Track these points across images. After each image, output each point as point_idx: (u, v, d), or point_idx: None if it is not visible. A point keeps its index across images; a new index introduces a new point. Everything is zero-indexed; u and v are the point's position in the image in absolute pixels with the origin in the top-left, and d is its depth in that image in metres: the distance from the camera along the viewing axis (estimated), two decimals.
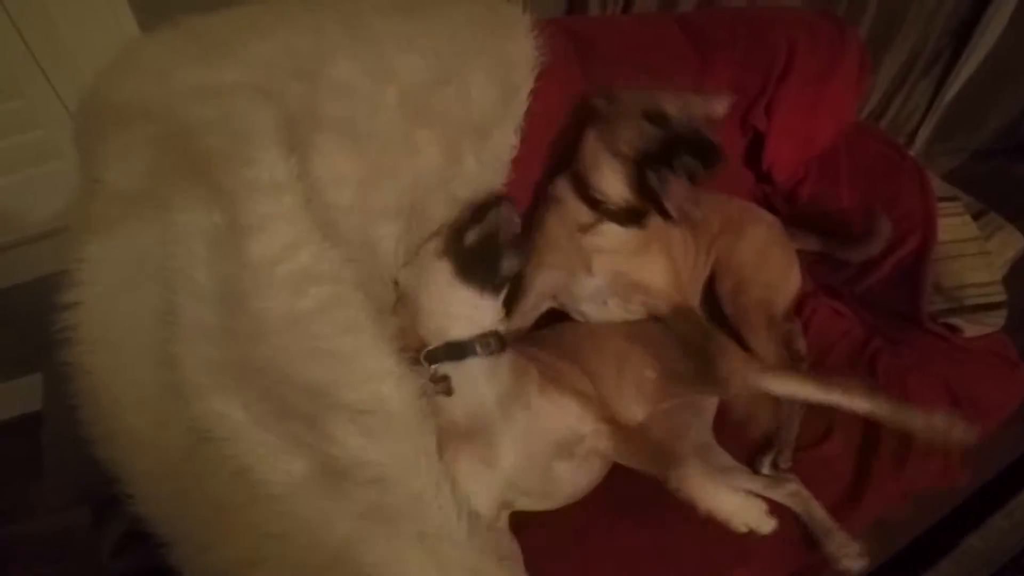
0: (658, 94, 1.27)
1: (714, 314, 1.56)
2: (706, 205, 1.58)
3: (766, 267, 1.58)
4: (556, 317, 1.49)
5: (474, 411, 1.14)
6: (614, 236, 1.36)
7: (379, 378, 1.00)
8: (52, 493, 1.62)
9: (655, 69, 1.58)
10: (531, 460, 1.16)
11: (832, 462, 1.42)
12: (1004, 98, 3.01)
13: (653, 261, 1.41)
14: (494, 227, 1.16)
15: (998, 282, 1.70)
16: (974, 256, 1.70)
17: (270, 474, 0.91)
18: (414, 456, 1.01)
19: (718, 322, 1.55)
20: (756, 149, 1.82)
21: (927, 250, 1.65)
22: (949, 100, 2.82)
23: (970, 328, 1.67)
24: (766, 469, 1.35)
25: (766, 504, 1.09)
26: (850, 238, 1.70)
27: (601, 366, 1.34)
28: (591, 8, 1.87)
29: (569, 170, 1.39)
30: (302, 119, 1.07)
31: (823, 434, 1.44)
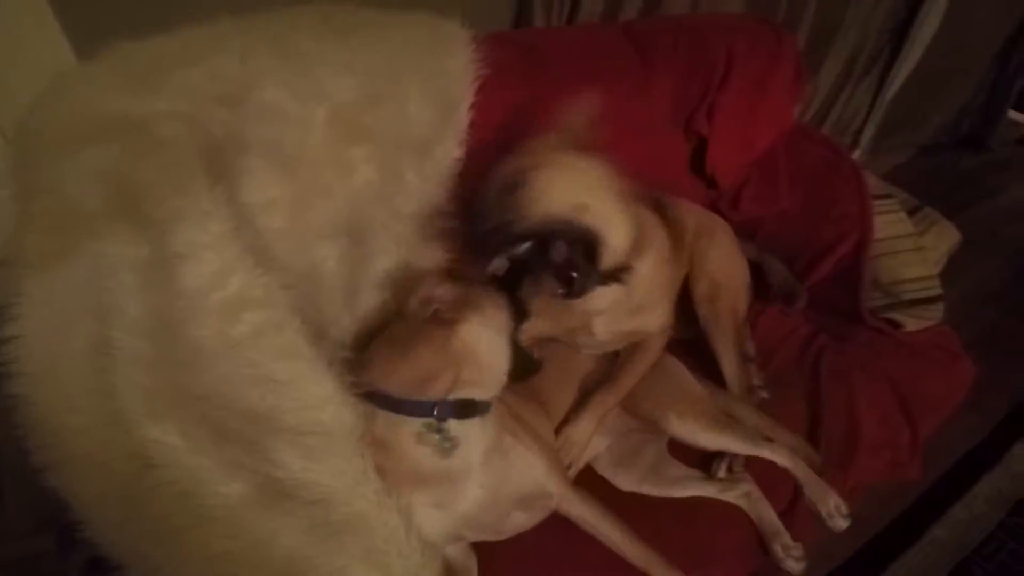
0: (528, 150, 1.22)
1: (682, 318, 1.56)
2: (679, 207, 1.63)
3: (734, 274, 1.63)
4: None
5: (459, 466, 1.09)
6: (605, 298, 1.27)
7: (318, 405, 1.00)
8: (15, 520, 1.60)
9: (598, 76, 1.60)
10: (494, 508, 1.14)
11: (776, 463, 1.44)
12: (944, 94, 3.09)
13: (651, 307, 1.38)
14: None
15: (934, 276, 1.74)
16: (910, 252, 1.74)
17: (210, 498, 0.92)
18: (357, 475, 1.02)
19: (685, 328, 1.56)
20: (702, 157, 1.85)
21: (864, 249, 1.68)
22: (891, 97, 2.89)
23: (910, 322, 1.72)
24: (722, 473, 1.38)
25: None
26: (778, 272, 1.77)
27: (564, 393, 1.38)
28: (536, 21, 1.90)
29: None
30: (228, 145, 1.07)
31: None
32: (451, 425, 1.07)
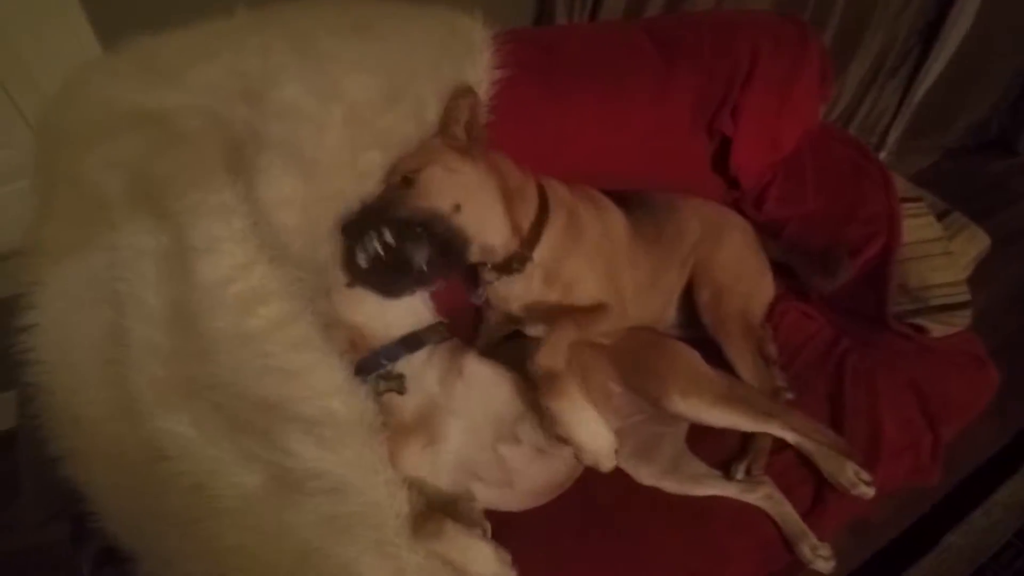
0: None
1: (692, 321, 1.57)
2: (686, 209, 1.62)
3: (744, 276, 1.61)
4: None
5: (422, 401, 1.17)
6: (508, 285, 1.35)
7: (330, 393, 1.01)
8: (30, 510, 1.62)
9: (619, 75, 1.59)
10: (475, 435, 1.18)
11: (799, 466, 1.43)
12: (973, 96, 3.03)
13: (581, 280, 1.37)
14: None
15: (963, 282, 1.70)
16: (938, 256, 1.70)
17: (223, 489, 0.93)
18: (370, 464, 1.02)
19: (695, 330, 1.56)
20: (725, 156, 1.82)
21: (892, 252, 1.65)
22: (919, 99, 2.84)
23: (937, 328, 1.68)
24: (740, 475, 1.37)
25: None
26: (812, 260, 1.72)
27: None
28: (558, 18, 1.89)
29: None
30: (248, 141, 1.07)
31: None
32: (397, 365, 1.18)
